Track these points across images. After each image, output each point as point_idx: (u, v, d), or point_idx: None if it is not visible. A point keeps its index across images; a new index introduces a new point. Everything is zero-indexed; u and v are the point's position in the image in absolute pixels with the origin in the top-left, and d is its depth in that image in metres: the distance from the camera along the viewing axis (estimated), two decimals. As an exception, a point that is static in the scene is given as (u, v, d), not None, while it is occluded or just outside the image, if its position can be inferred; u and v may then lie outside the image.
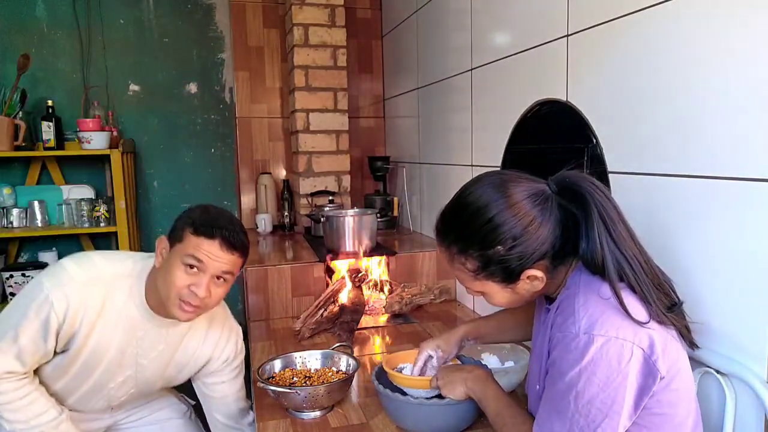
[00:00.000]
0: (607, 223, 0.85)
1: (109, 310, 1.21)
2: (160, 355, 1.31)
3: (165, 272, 1.17)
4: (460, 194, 0.95)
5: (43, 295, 1.16)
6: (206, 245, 1.15)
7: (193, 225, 1.17)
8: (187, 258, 1.15)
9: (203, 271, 1.16)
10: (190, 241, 1.16)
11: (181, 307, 1.17)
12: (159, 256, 1.21)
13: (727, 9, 0.97)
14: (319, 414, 1.27)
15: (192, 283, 1.16)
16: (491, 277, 0.91)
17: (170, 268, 1.16)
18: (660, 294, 0.86)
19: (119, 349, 1.25)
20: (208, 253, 1.15)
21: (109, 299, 1.21)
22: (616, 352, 0.79)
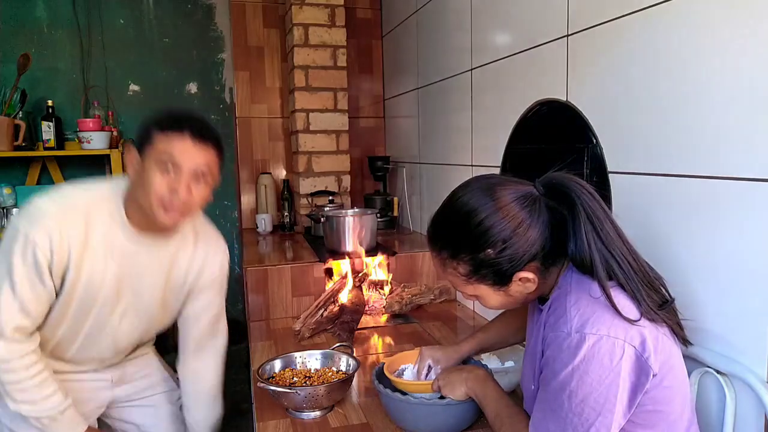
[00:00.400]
0: (594, 223, 0.86)
1: (93, 239, 1.17)
2: (154, 277, 1.28)
3: (142, 181, 1.14)
4: (449, 200, 0.96)
5: (22, 237, 1.11)
6: (177, 141, 1.12)
7: (159, 123, 1.13)
8: (160, 159, 1.11)
9: (179, 171, 1.13)
10: (159, 140, 1.12)
11: (165, 211, 1.15)
12: (131, 168, 1.17)
13: (728, 9, 0.97)
14: (319, 414, 1.28)
15: (171, 185, 1.13)
16: (483, 280, 0.92)
17: (146, 174, 1.13)
18: (650, 291, 0.86)
19: (113, 277, 1.21)
20: (180, 151, 1.12)
21: (90, 227, 1.17)
22: (607, 350, 0.79)
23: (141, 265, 1.25)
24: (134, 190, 1.18)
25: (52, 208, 1.15)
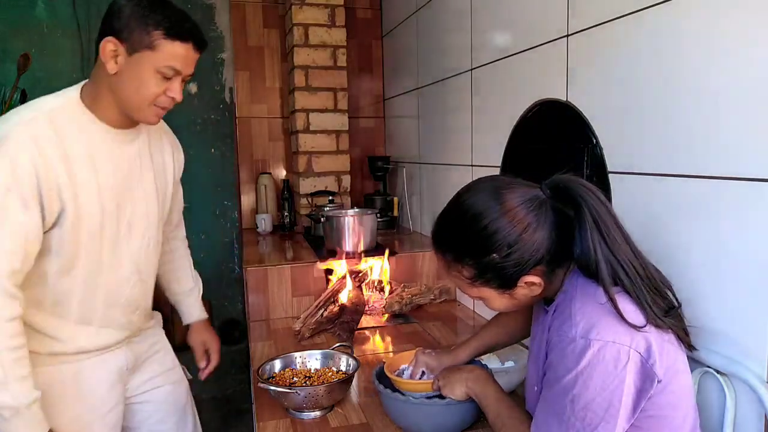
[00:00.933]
0: (600, 228, 0.85)
1: (71, 149, 1.09)
2: (143, 174, 1.24)
3: (135, 81, 1.08)
4: (454, 202, 0.94)
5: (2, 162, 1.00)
6: (182, 51, 1.08)
7: (165, 29, 1.06)
8: (164, 68, 1.08)
9: (176, 76, 1.11)
10: (165, 48, 1.07)
11: (157, 113, 1.14)
12: (112, 62, 1.08)
13: (728, 8, 0.97)
14: (319, 414, 1.28)
15: (168, 89, 1.11)
16: (488, 283, 0.91)
17: (141, 77, 1.08)
18: (656, 297, 0.85)
19: (106, 185, 1.15)
20: (184, 60, 1.10)
21: (62, 137, 1.08)
22: (612, 356, 0.79)
23: (126, 165, 1.20)
24: (118, 87, 1.11)
25: (13, 126, 1.04)
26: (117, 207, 1.19)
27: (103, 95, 1.14)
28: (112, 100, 1.13)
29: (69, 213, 1.10)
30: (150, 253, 1.32)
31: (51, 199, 1.07)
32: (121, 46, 1.08)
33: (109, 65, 1.09)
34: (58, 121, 1.10)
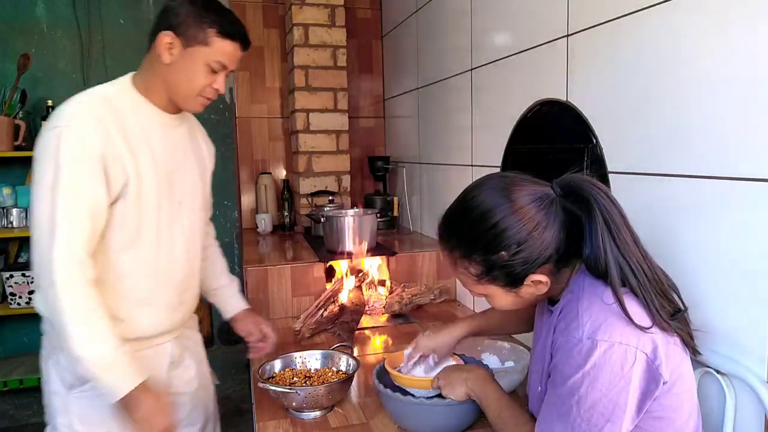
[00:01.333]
0: (611, 228, 0.84)
1: (130, 130, 1.17)
2: (187, 156, 1.33)
3: (185, 73, 1.19)
4: (463, 198, 0.93)
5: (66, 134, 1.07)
6: (232, 49, 1.20)
7: (219, 27, 1.17)
8: (214, 63, 1.19)
9: (222, 71, 1.22)
10: (217, 44, 1.18)
11: (202, 103, 1.25)
12: (166, 53, 1.18)
13: (728, 8, 0.97)
14: (319, 414, 1.28)
15: (214, 81, 1.22)
16: (495, 281, 0.91)
17: (193, 69, 1.19)
18: (663, 300, 0.85)
19: (161, 164, 1.23)
20: (231, 57, 1.21)
21: (120, 118, 1.17)
22: (619, 357, 0.79)
23: (174, 146, 1.29)
24: (169, 77, 1.21)
25: (76, 106, 1.13)
26: (169, 184, 1.26)
27: (155, 83, 1.23)
28: (162, 88, 1.23)
29: (131, 185, 1.17)
30: (196, 235, 1.38)
31: (116, 172, 1.14)
32: (177, 40, 1.18)
33: (164, 56, 1.18)
34: (114, 102, 1.19)
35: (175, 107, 1.27)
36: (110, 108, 1.16)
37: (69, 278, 1.08)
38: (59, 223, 1.07)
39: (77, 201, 1.08)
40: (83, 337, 1.08)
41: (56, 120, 1.11)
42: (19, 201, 2.80)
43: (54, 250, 1.07)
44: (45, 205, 1.08)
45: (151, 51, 1.21)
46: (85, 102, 1.15)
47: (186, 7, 1.17)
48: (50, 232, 1.07)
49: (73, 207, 1.08)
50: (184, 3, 1.18)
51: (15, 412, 2.95)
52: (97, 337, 1.10)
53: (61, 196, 1.07)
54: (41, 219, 1.08)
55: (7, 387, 2.67)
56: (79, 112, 1.12)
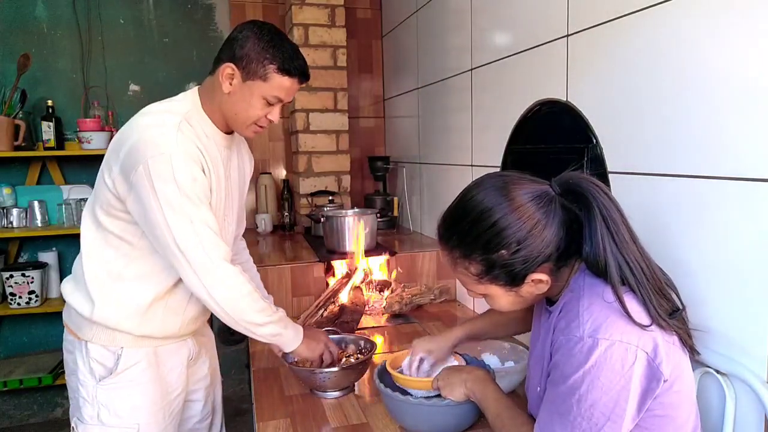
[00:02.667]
0: (609, 226, 0.84)
1: (203, 143, 1.22)
2: (232, 173, 1.37)
3: (244, 104, 1.23)
4: (462, 197, 0.93)
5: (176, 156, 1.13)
6: (290, 84, 1.22)
7: (279, 64, 1.19)
8: (272, 98, 1.22)
9: (279, 104, 1.25)
10: (275, 80, 1.20)
11: (255, 131, 1.29)
12: (227, 83, 1.22)
13: (728, 8, 0.97)
14: (340, 394, 1.38)
15: (269, 113, 1.25)
16: (495, 281, 0.91)
17: (250, 101, 1.22)
18: (661, 299, 0.85)
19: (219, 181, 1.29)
20: (288, 92, 1.24)
21: (197, 133, 1.22)
22: (620, 355, 0.79)
23: (227, 166, 1.34)
24: (228, 105, 1.24)
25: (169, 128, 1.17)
26: (223, 199, 1.33)
27: (216, 108, 1.27)
28: (221, 113, 1.27)
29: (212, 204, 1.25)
30: (231, 246, 1.41)
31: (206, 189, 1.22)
32: (238, 72, 1.21)
33: (224, 86, 1.23)
34: (193, 122, 1.24)
35: (228, 127, 1.31)
36: (191, 128, 1.22)
37: (232, 272, 1.19)
38: (205, 240, 1.15)
39: (207, 214, 1.17)
40: (260, 310, 1.23)
41: (157, 146, 1.14)
42: (19, 201, 2.79)
43: (211, 255, 1.16)
44: (188, 233, 1.14)
45: (214, 76, 1.24)
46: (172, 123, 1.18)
47: (251, 40, 1.20)
48: (203, 251, 1.15)
49: (204, 214, 1.17)
50: (251, 37, 1.20)
51: (15, 412, 2.95)
52: (268, 308, 1.25)
53: (195, 216, 1.15)
54: (185, 234, 1.14)
55: (7, 387, 2.67)
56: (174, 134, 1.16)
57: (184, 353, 1.39)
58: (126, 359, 1.26)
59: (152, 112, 1.23)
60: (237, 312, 1.20)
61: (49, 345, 2.98)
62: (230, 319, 1.21)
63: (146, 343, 1.29)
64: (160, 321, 1.29)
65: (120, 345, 1.26)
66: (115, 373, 1.25)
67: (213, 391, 1.53)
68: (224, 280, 1.18)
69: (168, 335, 1.33)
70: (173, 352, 1.36)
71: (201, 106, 1.27)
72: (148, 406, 1.29)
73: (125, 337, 1.26)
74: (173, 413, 1.37)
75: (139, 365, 1.28)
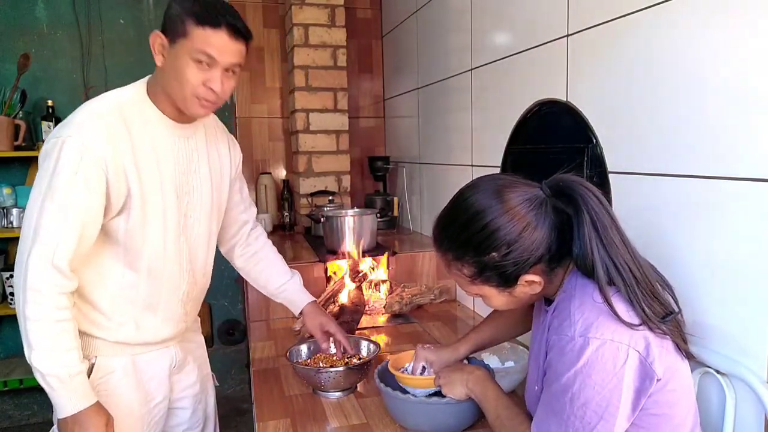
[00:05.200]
0: (598, 229, 0.84)
1: (138, 139, 1.15)
2: (200, 167, 1.29)
3: (175, 72, 1.13)
4: (455, 200, 0.94)
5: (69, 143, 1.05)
6: (214, 38, 1.10)
7: (195, 15, 1.10)
8: (197, 54, 1.10)
9: (214, 65, 1.13)
10: (196, 34, 1.09)
11: (201, 104, 1.16)
12: (159, 55, 1.14)
13: (727, 8, 0.97)
14: (342, 395, 1.38)
15: (206, 79, 1.13)
16: (488, 282, 0.92)
17: (179, 66, 1.12)
18: (653, 302, 0.84)
19: (170, 177, 1.21)
20: (217, 47, 1.11)
21: (130, 127, 1.14)
22: (611, 354, 0.79)
23: (185, 159, 1.25)
24: (165, 80, 1.16)
25: (88, 115, 1.11)
26: (177, 198, 1.24)
27: (160, 90, 1.19)
28: (164, 94, 1.18)
29: (135, 201, 1.15)
30: (201, 246, 1.34)
31: (118, 186, 1.12)
32: (165, 39, 1.13)
33: (157, 59, 1.15)
34: (127, 113, 1.16)
35: (186, 115, 1.22)
36: (122, 118, 1.14)
37: (39, 286, 1.06)
38: (42, 230, 1.06)
39: (66, 211, 1.06)
40: (44, 348, 1.06)
41: (63, 128, 1.09)
42: (19, 201, 2.79)
43: (31, 256, 1.06)
44: (34, 211, 1.07)
45: None
46: (95, 112, 1.12)
47: (175, 3, 1.12)
48: (32, 238, 1.07)
49: (60, 216, 1.06)
50: (175, 0, 1.13)
51: (15, 412, 2.95)
52: (58, 350, 1.07)
53: (50, 204, 1.06)
54: (28, 224, 1.08)
55: (7, 387, 2.67)
56: (88, 123, 1.10)
57: (165, 361, 1.33)
58: (100, 369, 1.20)
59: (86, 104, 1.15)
60: (22, 332, 1.08)
61: (49, 345, 2.97)
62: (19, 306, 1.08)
63: (122, 351, 1.24)
64: (132, 324, 1.23)
65: (94, 354, 1.20)
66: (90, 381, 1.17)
67: (204, 399, 1.48)
68: (28, 280, 1.06)
69: (146, 341, 1.26)
70: (153, 360, 1.30)
71: (146, 94, 1.20)
72: (125, 416, 1.23)
73: (100, 343, 1.21)
74: (154, 422, 1.32)
75: (115, 375, 1.22)
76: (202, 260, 1.35)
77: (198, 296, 1.40)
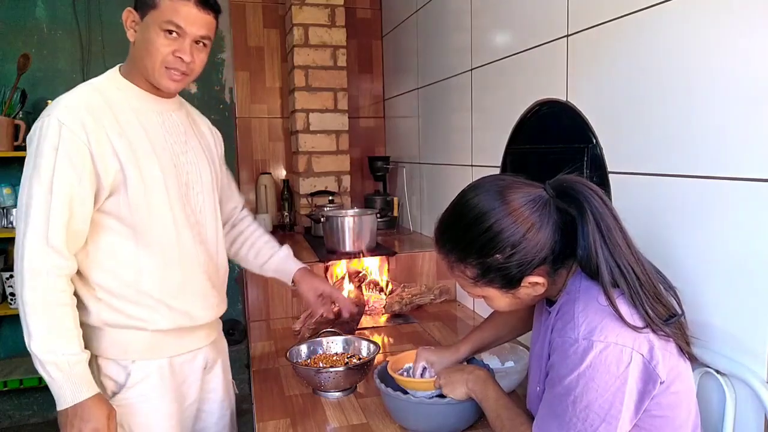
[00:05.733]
0: (602, 230, 0.84)
1: (119, 110, 1.16)
2: (190, 139, 1.29)
3: (145, 44, 1.14)
4: (458, 201, 0.94)
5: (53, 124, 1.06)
6: (183, 9, 1.12)
7: None
8: (165, 24, 1.12)
9: (183, 36, 1.14)
10: (165, 5, 1.12)
11: (171, 77, 1.17)
12: (131, 30, 1.16)
13: (728, 8, 0.97)
14: (341, 395, 1.37)
15: (175, 49, 1.14)
16: (491, 283, 0.91)
17: (149, 37, 1.13)
18: (656, 305, 0.84)
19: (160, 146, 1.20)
20: (185, 17, 1.13)
21: (109, 100, 1.16)
22: (615, 357, 0.79)
23: (174, 129, 1.26)
24: (137, 55, 1.18)
25: (66, 96, 1.13)
26: (175, 168, 1.23)
27: (134, 68, 1.20)
28: (137, 70, 1.20)
29: (131, 171, 1.14)
30: (209, 219, 1.33)
31: (104, 158, 1.11)
32: (136, 14, 1.15)
33: (129, 34, 1.17)
34: (106, 91, 1.17)
35: (163, 91, 1.23)
36: (101, 96, 1.15)
37: (36, 267, 1.05)
38: (32, 210, 1.06)
39: (52, 190, 1.06)
40: (42, 334, 1.04)
41: (44, 112, 1.11)
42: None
43: (26, 238, 1.05)
44: (23, 194, 1.08)
45: None
46: (73, 94, 1.14)
47: None
48: (24, 221, 1.06)
49: (47, 196, 1.06)
50: None
51: (15, 412, 2.95)
52: (57, 335, 1.05)
53: (36, 184, 1.06)
54: (19, 208, 1.08)
55: (7, 387, 2.67)
56: (64, 102, 1.12)
57: (200, 362, 1.34)
58: (137, 373, 1.19)
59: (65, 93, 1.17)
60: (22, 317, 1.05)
61: (49, 345, 2.97)
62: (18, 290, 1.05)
63: (160, 351, 1.23)
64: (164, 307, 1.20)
65: (131, 357, 1.19)
66: (126, 388, 1.19)
67: (228, 405, 1.48)
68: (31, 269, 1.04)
69: (181, 325, 1.24)
70: (187, 361, 1.30)
71: (120, 76, 1.21)
72: (161, 420, 1.23)
73: (138, 343, 1.19)
74: (187, 424, 1.34)
75: (151, 379, 1.22)
76: (212, 234, 1.33)
77: (219, 274, 1.37)
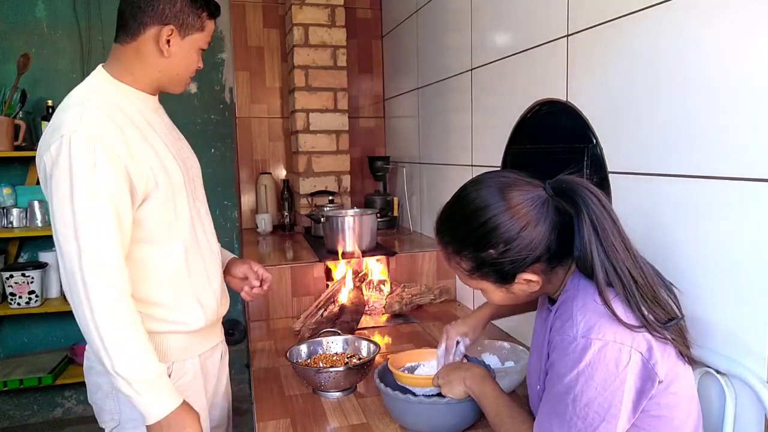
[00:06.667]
0: (598, 232, 0.84)
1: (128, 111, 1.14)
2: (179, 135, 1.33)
3: (183, 60, 1.19)
4: (458, 194, 0.95)
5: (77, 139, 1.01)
6: (212, 26, 1.22)
7: (208, 8, 1.19)
8: (205, 44, 1.22)
9: None
10: (208, 27, 1.20)
11: (186, 84, 1.26)
12: (164, 46, 1.14)
13: (728, 9, 0.97)
14: (341, 395, 1.38)
15: (199, 61, 1.24)
16: (485, 277, 0.93)
17: (190, 55, 1.20)
18: (654, 307, 0.84)
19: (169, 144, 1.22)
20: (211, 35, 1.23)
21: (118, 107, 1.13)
22: (613, 356, 0.79)
23: (170, 128, 1.29)
24: (166, 68, 1.19)
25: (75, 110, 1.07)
26: (183, 163, 1.25)
27: (144, 74, 1.19)
28: (150, 76, 1.20)
29: (161, 179, 1.14)
30: (208, 212, 1.37)
31: (139, 170, 1.10)
32: (177, 31, 1.17)
33: (164, 50, 1.16)
34: (111, 97, 1.14)
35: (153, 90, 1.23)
36: (106, 100, 1.11)
37: (104, 292, 1.02)
38: (83, 235, 1.01)
39: (101, 208, 1.02)
40: (126, 354, 1.03)
41: (60, 128, 1.04)
42: (19, 201, 2.80)
43: (85, 270, 1.01)
44: (67, 218, 1.01)
45: (138, 43, 1.14)
46: (78, 104, 1.08)
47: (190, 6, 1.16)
48: (77, 251, 1.01)
49: (95, 214, 1.02)
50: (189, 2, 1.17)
51: (15, 412, 2.95)
52: (140, 353, 1.05)
53: (80, 205, 1.01)
54: (65, 235, 1.02)
55: (7, 387, 2.67)
56: (84, 115, 1.05)
57: (217, 357, 1.38)
58: (175, 375, 1.21)
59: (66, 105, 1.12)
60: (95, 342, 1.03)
61: (49, 345, 2.98)
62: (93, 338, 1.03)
63: (193, 350, 1.26)
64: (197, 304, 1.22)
65: (171, 359, 1.20)
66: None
67: (227, 407, 1.49)
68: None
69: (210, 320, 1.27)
70: (210, 357, 1.35)
71: (111, 79, 1.16)
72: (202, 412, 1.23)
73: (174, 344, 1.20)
74: (218, 410, 1.39)
75: (187, 377, 1.25)
76: (211, 226, 1.37)
77: (221, 265, 1.40)
